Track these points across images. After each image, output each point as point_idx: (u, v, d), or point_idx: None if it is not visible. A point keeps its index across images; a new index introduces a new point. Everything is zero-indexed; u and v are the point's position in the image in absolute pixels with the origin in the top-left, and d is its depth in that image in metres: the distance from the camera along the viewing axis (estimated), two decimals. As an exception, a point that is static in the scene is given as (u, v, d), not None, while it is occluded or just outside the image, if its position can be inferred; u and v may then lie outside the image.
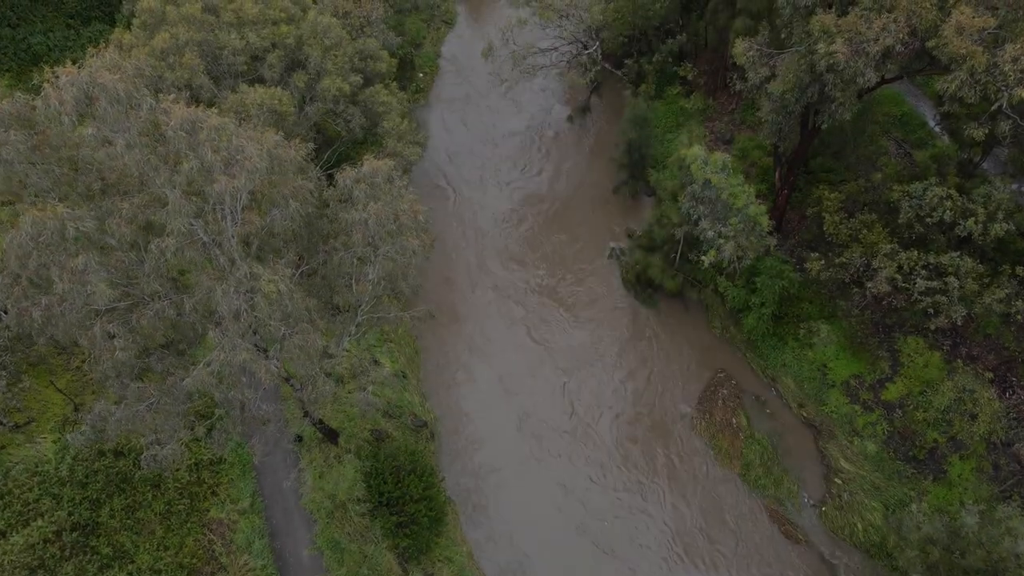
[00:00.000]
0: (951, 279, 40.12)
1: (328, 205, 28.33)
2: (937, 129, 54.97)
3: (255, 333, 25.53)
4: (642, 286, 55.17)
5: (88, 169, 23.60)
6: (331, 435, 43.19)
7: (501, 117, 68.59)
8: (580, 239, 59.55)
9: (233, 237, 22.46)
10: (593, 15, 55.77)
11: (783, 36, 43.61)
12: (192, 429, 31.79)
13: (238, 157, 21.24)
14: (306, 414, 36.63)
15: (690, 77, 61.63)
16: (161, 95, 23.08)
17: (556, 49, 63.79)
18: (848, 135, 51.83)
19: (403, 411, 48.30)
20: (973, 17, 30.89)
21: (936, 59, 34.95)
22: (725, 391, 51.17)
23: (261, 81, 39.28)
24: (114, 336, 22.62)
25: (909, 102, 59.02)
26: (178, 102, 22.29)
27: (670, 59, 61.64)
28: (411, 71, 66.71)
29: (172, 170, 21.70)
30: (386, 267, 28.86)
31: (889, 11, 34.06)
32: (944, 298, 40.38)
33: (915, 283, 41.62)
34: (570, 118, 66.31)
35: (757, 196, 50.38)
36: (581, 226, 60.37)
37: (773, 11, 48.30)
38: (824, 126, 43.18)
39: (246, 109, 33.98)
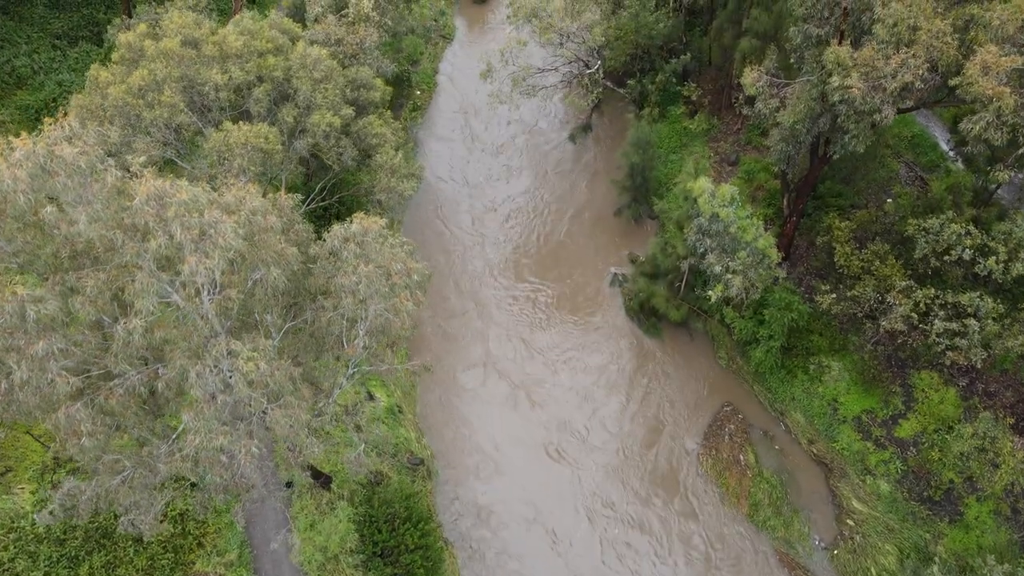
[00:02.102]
0: (971, 321, 38.29)
1: (316, 262, 26.54)
2: (950, 153, 53.24)
3: (236, 401, 23.78)
4: (645, 315, 53.43)
5: (55, 235, 21.83)
6: (324, 481, 41.41)
7: (499, 129, 66.95)
8: (580, 262, 57.81)
9: (208, 312, 20.73)
10: (595, 35, 53.90)
11: (792, 60, 41.89)
12: (174, 490, 29.98)
13: (211, 232, 19.50)
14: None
15: (694, 97, 59.82)
16: (131, 156, 21.37)
17: (556, 69, 62.03)
18: (858, 159, 50.03)
19: (399, 449, 46.53)
20: (1000, 56, 29.03)
21: (957, 93, 33.20)
22: (732, 426, 49.43)
23: (247, 115, 37.40)
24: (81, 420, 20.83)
25: (919, 123, 57.25)
26: (147, 167, 20.50)
27: (673, 78, 59.84)
28: (408, 89, 64.89)
29: (140, 243, 19.96)
30: (377, 324, 27.16)
31: (907, 45, 32.26)
32: (964, 341, 38.59)
33: (933, 324, 39.85)
34: (572, 137, 64.51)
35: (764, 221, 48.58)
36: (581, 247, 58.64)
37: (780, 31, 46.64)
38: (836, 156, 41.47)
39: (229, 149, 32.15)
